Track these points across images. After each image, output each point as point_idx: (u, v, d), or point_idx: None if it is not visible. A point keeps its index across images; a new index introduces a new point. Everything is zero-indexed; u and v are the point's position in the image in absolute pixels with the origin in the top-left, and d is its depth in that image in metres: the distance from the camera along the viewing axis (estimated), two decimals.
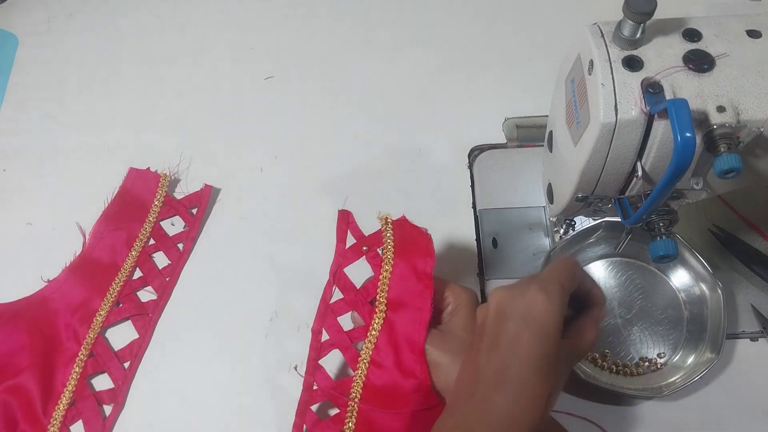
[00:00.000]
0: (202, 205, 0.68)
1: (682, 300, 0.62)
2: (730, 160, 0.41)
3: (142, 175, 0.69)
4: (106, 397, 0.59)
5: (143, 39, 0.81)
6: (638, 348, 0.60)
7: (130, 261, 0.65)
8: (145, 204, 0.68)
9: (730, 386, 0.58)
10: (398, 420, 0.51)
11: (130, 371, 0.61)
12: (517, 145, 0.71)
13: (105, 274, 0.64)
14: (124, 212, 0.67)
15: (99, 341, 0.61)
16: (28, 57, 0.81)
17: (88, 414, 0.58)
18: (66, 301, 0.63)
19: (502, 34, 0.79)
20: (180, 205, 0.68)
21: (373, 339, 0.54)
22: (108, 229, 0.66)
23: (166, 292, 0.64)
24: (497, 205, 0.67)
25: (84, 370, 0.60)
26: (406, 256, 0.55)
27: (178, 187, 0.70)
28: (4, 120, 0.76)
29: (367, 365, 0.54)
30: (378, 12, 0.82)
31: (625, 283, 0.63)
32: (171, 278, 0.65)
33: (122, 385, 0.60)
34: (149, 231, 0.67)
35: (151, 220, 0.67)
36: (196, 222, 0.68)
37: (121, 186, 0.69)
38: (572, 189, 0.50)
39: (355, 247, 0.58)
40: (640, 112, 0.43)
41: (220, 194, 0.70)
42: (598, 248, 0.64)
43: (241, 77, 0.78)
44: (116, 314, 0.63)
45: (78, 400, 0.59)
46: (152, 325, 0.63)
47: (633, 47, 0.44)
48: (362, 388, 0.53)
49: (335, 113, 0.75)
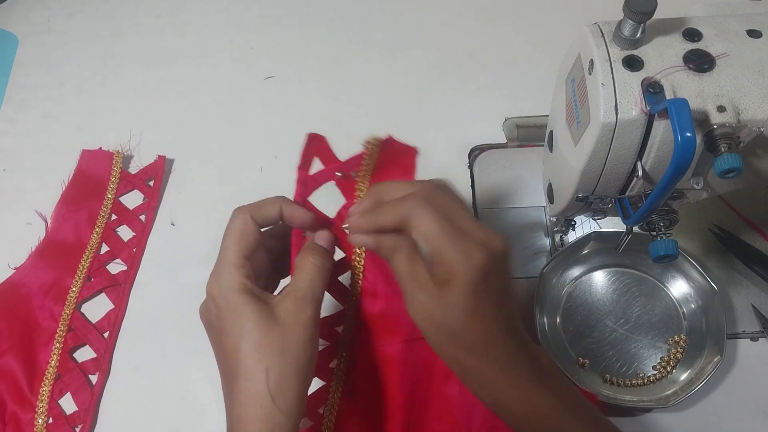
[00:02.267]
0: (158, 176, 0.70)
1: (679, 307, 0.62)
2: (730, 159, 0.41)
3: (95, 155, 0.71)
4: (90, 367, 0.61)
5: (143, 39, 0.81)
6: (638, 359, 0.60)
7: (95, 237, 0.67)
8: (102, 182, 0.70)
9: (731, 386, 0.58)
10: (392, 352, 0.49)
11: (111, 339, 0.62)
12: (517, 145, 0.71)
13: (72, 253, 0.66)
14: (82, 192, 0.69)
15: (76, 316, 0.63)
16: (28, 57, 0.81)
17: (75, 385, 0.60)
18: (37, 284, 0.64)
19: (502, 34, 0.79)
20: (136, 178, 0.70)
21: (360, 267, 0.50)
22: (69, 210, 0.68)
23: (135, 262, 0.66)
24: (497, 205, 0.67)
25: (65, 344, 0.61)
26: (385, 175, 0.51)
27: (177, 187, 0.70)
28: (4, 120, 0.76)
29: (359, 296, 0.50)
30: (378, 12, 0.82)
31: (623, 294, 0.62)
32: (138, 249, 0.67)
33: (104, 353, 0.61)
34: (110, 207, 0.68)
35: (109, 196, 0.69)
36: (155, 192, 0.69)
37: (75, 168, 0.71)
38: (572, 189, 0.50)
39: (324, 172, 0.51)
40: (640, 112, 0.43)
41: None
42: (593, 259, 0.64)
43: (241, 77, 0.78)
44: (89, 288, 0.64)
45: (63, 374, 0.60)
46: (126, 294, 0.65)
47: (633, 47, 0.44)
48: (354, 322, 0.50)
49: (335, 113, 0.75)
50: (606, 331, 0.61)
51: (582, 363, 0.59)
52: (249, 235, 0.44)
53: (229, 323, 0.42)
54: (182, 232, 0.68)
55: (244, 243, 0.44)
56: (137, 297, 0.65)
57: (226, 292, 0.43)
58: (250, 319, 0.41)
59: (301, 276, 0.45)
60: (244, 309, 0.42)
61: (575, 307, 0.62)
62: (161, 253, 0.67)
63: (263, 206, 0.46)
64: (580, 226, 0.64)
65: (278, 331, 0.42)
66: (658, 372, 0.59)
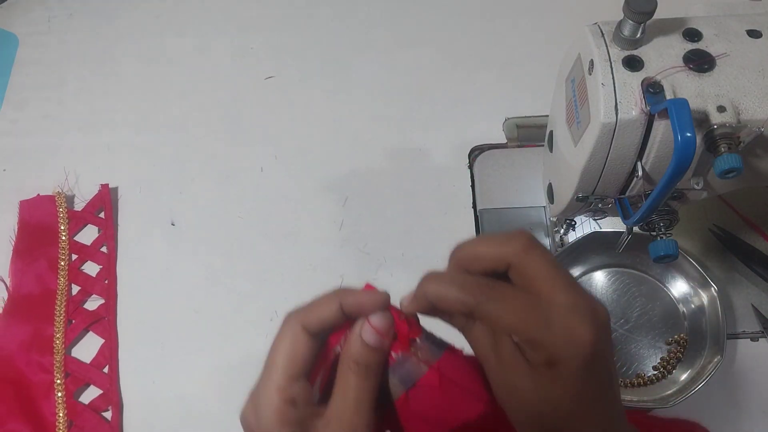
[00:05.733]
0: (106, 204, 0.69)
1: (679, 307, 0.62)
2: (730, 160, 0.41)
3: (36, 202, 0.69)
4: (101, 403, 0.60)
5: (143, 39, 0.81)
6: (638, 359, 0.60)
7: (62, 281, 0.65)
8: (50, 227, 0.68)
9: (731, 386, 0.58)
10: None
11: (113, 372, 0.61)
12: (517, 145, 0.71)
13: (43, 303, 0.64)
14: (33, 243, 0.67)
15: (68, 360, 0.62)
16: (28, 57, 0.81)
17: (90, 425, 0.59)
18: (15, 342, 0.62)
19: (502, 34, 0.79)
20: (85, 213, 0.69)
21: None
22: (25, 264, 0.66)
23: (112, 292, 0.65)
24: (497, 205, 0.67)
25: (66, 391, 0.60)
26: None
27: (177, 188, 0.70)
28: (4, 120, 0.76)
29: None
30: (378, 12, 0.82)
31: (623, 294, 0.62)
32: (109, 279, 0.66)
33: (111, 386, 0.61)
34: (67, 248, 0.67)
35: (63, 238, 0.67)
36: (108, 222, 0.68)
37: (18, 220, 0.68)
38: (573, 189, 0.50)
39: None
40: (640, 112, 0.43)
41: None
42: (593, 259, 0.64)
43: (241, 77, 0.78)
44: (73, 331, 0.63)
45: (74, 419, 0.59)
46: (113, 325, 0.64)
47: (633, 47, 0.44)
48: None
49: (335, 113, 0.75)
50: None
51: None
52: (298, 351, 0.36)
53: None
54: (182, 232, 0.68)
55: (292, 361, 0.36)
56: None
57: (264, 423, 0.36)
58: None
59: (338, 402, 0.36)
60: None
61: None
62: (162, 253, 0.67)
63: (316, 308, 0.37)
64: (580, 226, 0.64)
65: None
66: (658, 372, 0.59)
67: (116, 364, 0.62)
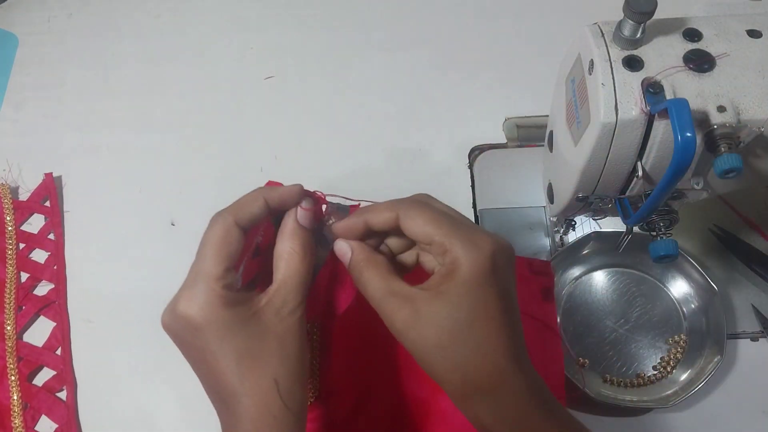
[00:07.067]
0: (52, 193, 0.69)
1: (679, 307, 0.62)
2: (730, 160, 0.41)
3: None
4: (55, 384, 0.61)
5: (143, 39, 0.81)
6: (638, 359, 0.60)
7: (11, 270, 0.66)
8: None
9: (731, 386, 0.58)
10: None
11: (65, 353, 0.62)
12: (517, 145, 0.71)
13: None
14: None
15: (21, 345, 0.62)
16: (28, 57, 0.81)
17: (46, 406, 0.60)
18: None
19: (502, 34, 0.79)
20: (30, 202, 0.69)
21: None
22: None
23: (61, 277, 0.66)
24: (497, 205, 0.67)
25: (20, 374, 0.61)
26: None
27: (176, 187, 0.70)
28: (4, 120, 0.76)
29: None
30: (378, 12, 0.82)
31: (623, 294, 0.62)
32: (58, 265, 0.66)
33: (64, 367, 0.61)
34: (14, 238, 0.67)
35: (9, 228, 0.67)
36: (54, 209, 0.69)
37: None
38: (573, 189, 0.50)
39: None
40: (640, 112, 0.43)
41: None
42: (593, 259, 0.64)
43: (241, 77, 0.78)
44: (24, 317, 0.64)
45: (29, 401, 0.60)
46: (63, 308, 0.64)
47: (633, 47, 0.44)
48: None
49: (335, 113, 0.75)
50: (606, 331, 0.61)
51: (582, 363, 0.59)
52: (231, 243, 0.40)
53: (215, 344, 0.38)
54: (182, 232, 0.68)
55: (226, 252, 0.40)
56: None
57: (206, 310, 0.38)
58: (240, 335, 0.38)
59: (282, 269, 0.41)
60: (232, 326, 0.38)
61: (575, 307, 0.62)
62: (162, 253, 0.67)
63: (245, 205, 0.42)
64: (580, 226, 0.64)
65: (273, 340, 0.39)
66: (658, 372, 0.59)
67: (68, 345, 0.62)
